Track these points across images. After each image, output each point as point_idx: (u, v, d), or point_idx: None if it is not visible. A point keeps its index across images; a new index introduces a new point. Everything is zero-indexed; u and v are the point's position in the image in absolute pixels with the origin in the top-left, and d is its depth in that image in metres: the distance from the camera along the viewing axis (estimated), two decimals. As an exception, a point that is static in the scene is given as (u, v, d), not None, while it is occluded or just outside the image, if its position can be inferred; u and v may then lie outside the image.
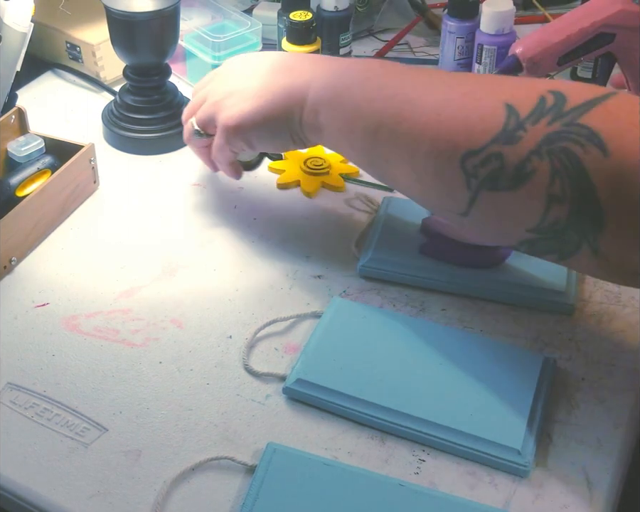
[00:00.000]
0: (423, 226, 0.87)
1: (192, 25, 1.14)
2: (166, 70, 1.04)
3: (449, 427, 0.68)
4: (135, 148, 1.03)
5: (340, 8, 1.11)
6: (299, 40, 1.04)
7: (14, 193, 0.89)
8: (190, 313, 0.81)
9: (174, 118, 1.04)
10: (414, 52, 1.25)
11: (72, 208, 0.94)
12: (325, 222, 0.93)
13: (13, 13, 0.95)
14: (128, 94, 1.04)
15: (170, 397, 0.73)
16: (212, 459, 0.67)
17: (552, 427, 0.70)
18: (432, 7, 1.33)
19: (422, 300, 0.82)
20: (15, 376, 0.74)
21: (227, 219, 0.93)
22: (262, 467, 0.65)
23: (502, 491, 0.65)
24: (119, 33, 1.00)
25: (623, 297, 0.82)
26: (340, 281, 0.85)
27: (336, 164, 0.99)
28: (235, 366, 0.76)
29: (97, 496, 0.65)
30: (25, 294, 0.83)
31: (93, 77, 1.15)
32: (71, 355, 0.77)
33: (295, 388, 0.72)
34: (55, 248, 0.89)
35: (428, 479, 0.66)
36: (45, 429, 0.70)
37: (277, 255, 0.88)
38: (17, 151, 0.92)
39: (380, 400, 0.70)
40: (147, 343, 0.78)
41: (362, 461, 0.67)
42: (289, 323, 0.80)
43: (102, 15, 1.01)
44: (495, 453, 0.66)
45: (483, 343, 0.76)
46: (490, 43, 1.05)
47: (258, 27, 1.13)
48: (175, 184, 0.99)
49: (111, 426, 0.70)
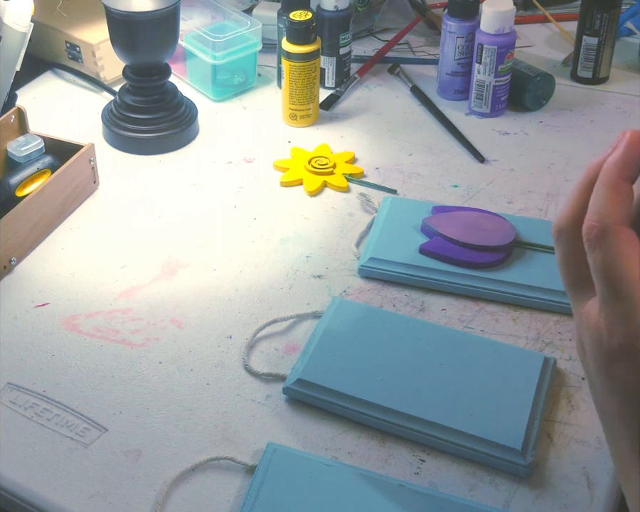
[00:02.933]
0: (423, 226, 0.87)
1: (192, 25, 1.14)
2: (165, 70, 1.04)
3: (449, 427, 0.68)
4: (135, 148, 1.03)
5: (340, 8, 1.11)
6: (299, 40, 1.04)
7: (14, 193, 0.89)
8: (190, 313, 0.81)
9: (174, 118, 1.04)
10: (414, 52, 1.25)
11: (72, 207, 0.94)
12: (325, 222, 0.93)
13: (13, 13, 0.95)
14: (128, 94, 1.04)
15: (170, 397, 0.73)
16: (212, 459, 0.67)
17: (552, 427, 0.70)
18: (432, 7, 1.33)
19: (422, 300, 0.82)
20: (15, 376, 0.74)
21: (227, 219, 0.93)
22: (262, 467, 0.65)
23: (502, 491, 0.65)
24: (119, 33, 1.00)
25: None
26: (340, 281, 0.84)
27: (340, 164, 0.99)
28: (235, 366, 0.76)
29: (97, 496, 0.65)
30: (25, 294, 0.83)
31: (93, 77, 1.15)
32: (71, 355, 0.77)
33: (295, 388, 0.72)
34: (55, 248, 0.89)
35: (428, 479, 0.66)
36: (45, 429, 0.70)
37: (277, 255, 0.88)
38: (17, 151, 0.92)
39: (380, 400, 0.70)
40: (147, 343, 0.78)
41: (362, 461, 0.67)
42: (289, 323, 0.80)
43: (102, 15, 1.01)
44: (495, 453, 0.66)
45: (483, 343, 0.76)
46: (490, 42, 1.05)
47: (258, 27, 1.13)
48: (175, 184, 0.99)
49: (111, 426, 0.70)
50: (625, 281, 0.43)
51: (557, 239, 0.48)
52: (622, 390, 0.44)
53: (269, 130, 1.08)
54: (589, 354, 0.46)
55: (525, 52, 1.24)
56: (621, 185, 0.44)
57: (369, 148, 1.05)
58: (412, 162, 1.02)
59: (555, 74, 1.13)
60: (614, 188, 0.44)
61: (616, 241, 0.43)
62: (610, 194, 0.44)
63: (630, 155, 0.44)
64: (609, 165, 0.45)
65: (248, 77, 1.16)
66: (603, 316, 0.44)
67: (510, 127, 1.08)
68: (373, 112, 1.12)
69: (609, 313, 0.43)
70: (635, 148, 0.44)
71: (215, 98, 1.14)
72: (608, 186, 0.44)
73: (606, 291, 0.43)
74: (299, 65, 1.04)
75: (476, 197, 0.96)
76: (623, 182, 0.44)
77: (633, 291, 0.42)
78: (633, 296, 0.42)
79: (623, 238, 0.43)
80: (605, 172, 0.45)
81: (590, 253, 0.44)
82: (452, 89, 1.13)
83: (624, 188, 0.44)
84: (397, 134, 1.07)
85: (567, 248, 0.47)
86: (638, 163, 0.45)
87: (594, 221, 0.44)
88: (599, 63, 1.15)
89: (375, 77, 1.19)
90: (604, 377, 0.45)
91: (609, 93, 1.15)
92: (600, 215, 0.44)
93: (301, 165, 0.99)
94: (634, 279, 0.43)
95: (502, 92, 1.08)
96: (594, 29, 1.12)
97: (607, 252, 0.43)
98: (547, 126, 1.08)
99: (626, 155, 0.44)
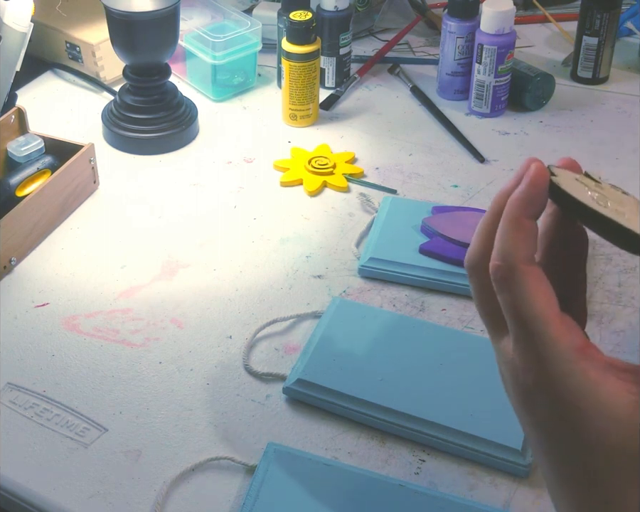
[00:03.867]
0: (423, 226, 0.87)
1: (192, 25, 1.14)
2: (165, 70, 1.04)
3: (449, 427, 0.68)
4: (135, 148, 1.03)
5: (340, 8, 1.11)
6: (298, 40, 1.04)
7: (14, 193, 0.89)
8: (190, 313, 0.81)
9: (174, 118, 1.04)
10: (414, 52, 1.25)
11: (72, 207, 0.94)
12: (325, 222, 0.93)
13: (13, 13, 0.95)
14: (128, 94, 1.04)
15: (170, 397, 0.73)
16: (212, 459, 0.67)
17: (552, 427, 0.70)
18: (432, 7, 1.33)
19: (422, 300, 0.82)
20: (15, 376, 0.74)
21: (227, 219, 0.93)
22: (262, 467, 0.65)
23: (502, 491, 0.65)
24: (119, 33, 1.00)
25: (623, 297, 0.82)
26: (340, 281, 0.84)
27: (340, 164, 0.99)
28: (235, 366, 0.76)
29: (97, 496, 0.65)
30: (25, 294, 0.83)
31: (93, 77, 1.15)
32: (71, 355, 0.76)
33: (295, 388, 0.72)
34: (55, 248, 0.89)
35: (428, 479, 0.66)
36: (45, 429, 0.70)
37: (277, 255, 0.88)
38: (17, 151, 0.92)
39: (380, 400, 0.70)
40: (147, 343, 0.78)
41: (362, 461, 0.67)
42: (289, 323, 0.80)
43: (102, 15, 1.01)
44: (495, 453, 0.66)
45: (483, 343, 0.76)
46: (490, 42, 1.05)
47: (258, 27, 1.13)
48: (175, 184, 0.99)
49: (111, 426, 0.70)
50: (534, 319, 0.42)
51: (470, 276, 0.47)
52: (540, 424, 0.44)
53: (269, 130, 1.08)
54: (508, 388, 0.46)
55: (525, 52, 1.24)
56: (523, 224, 0.43)
57: (369, 148, 1.05)
58: (412, 162, 1.02)
59: (555, 74, 1.13)
60: (517, 226, 0.43)
61: (522, 281, 0.42)
62: (514, 232, 0.43)
63: (533, 192, 0.43)
64: (512, 201, 0.43)
65: (248, 77, 1.16)
66: (517, 353, 0.43)
67: (510, 127, 1.08)
68: (373, 112, 1.12)
69: (522, 350, 0.43)
70: (539, 184, 0.43)
71: (215, 98, 1.14)
72: (511, 224, 0.43)
73: (518, 330, 0.43)
74: (299, 65, 1.04)
75: (476, 197, 0.96)
76: (526, 220, 0.43)
77: (543, 328, 0.42)
78: (543, 332, 0.42)
79: (528, 277, 0.42)
80: (508, 209, 0.43)
81: (499, 293, 0.44)
82: (452, 89, 1.13)
83: (527, 226, 0.43)
84: (397, 134, 1.07)
85: (479, 284, 0.47)
86: (543, 199, 0.43)
87: (499, 260, 0.43)
88: (599, 63, 1.15)
89: (375, 77, 1.19)
90: (523, 411, 0.45)
91: (609, 93, 1.15)
92: (505, 253, 0.43)
93: (301, 165, 0.99)
94: (544, 317, 0.42)
95: (502, 92, 1.08)
96: (594, 29, 1.12)
97: (514, 291, 0.43)
98: (547, 126, 1.08)
99: (529, 192, 0.43)
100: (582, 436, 0.41)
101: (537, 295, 0.42)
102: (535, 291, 0.42)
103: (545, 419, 0.43)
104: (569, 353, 0.41)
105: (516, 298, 0.42)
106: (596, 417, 0.41)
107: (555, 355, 0.42)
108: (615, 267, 0.85)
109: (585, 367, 0.41)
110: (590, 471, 0.41)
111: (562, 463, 0.43)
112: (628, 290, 0.82)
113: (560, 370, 0.41)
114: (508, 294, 0.43)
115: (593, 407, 0.41)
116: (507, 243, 0.43)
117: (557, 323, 0.42)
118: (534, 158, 0.44)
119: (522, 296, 0.42)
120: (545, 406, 0.43)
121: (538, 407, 0.43)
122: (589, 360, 0.41)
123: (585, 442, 0.41)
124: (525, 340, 0.43)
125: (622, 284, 0.83)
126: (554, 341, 0.42)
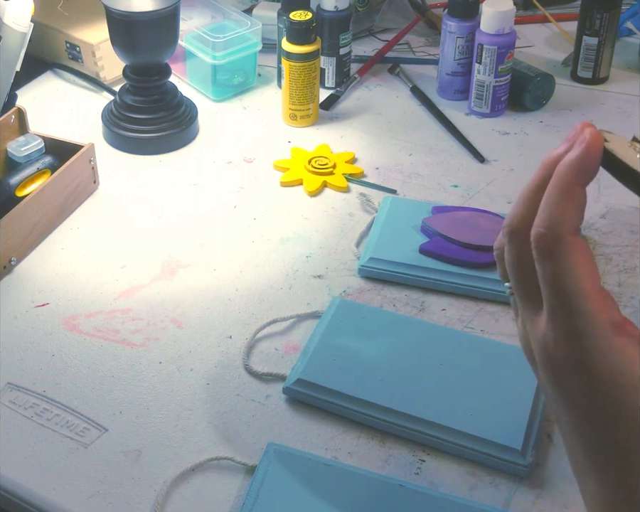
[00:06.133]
0: (423, 226, 0.87)
1: (192, 25, 1.14)
2: (165, 70, 1.04)
3: (449, 427, 0.68)
4: (135, 148, 1.03)
5: (340, 8, 1.11)
6: (298, 40, 1.04)
7: (14, 193, 0.89)
8: (190, 313, 0.81)
9: (174, 118, 1.04)
10: (414, 52, 1.25)
11: (72, 207, 0.94)
12: (325, 222, 0.93)
13: (13, 13, 0.95)
14: (128, 94, 1.04)
15: (170, 397, 0.73)
16: (212, 459, 0.67)
17: (552, 427, 0.70)
18: (432, 7, 1.33)
19: (422, 300, 0.82)
20: (15, 376, 0.74)
21: (227, 219, 0.93)
22: (262, 467, 0.65)
23: (502, 491, 0.65)
24: (119, 33, 1.00)
25: (623, 297, 0.82)
26: (340, 281, 0.84)
27: (340, 164, 0.99)
28: (235, 366, 0.76)
29: (97, 496, 0.65)
30: (25, 294, 0.83)
31: (93, 77, 1.15)
32: (71, 355, 0.76)
33: (295, 388, 0.72)
34: (55, 248, 0.89)
35: (428, 479, 0.66)
36: (45, 429, 0.70)
37: (277, 255, 0.88)
38: (17, 151, 0.92)
39: (380, 400, 0.70)
40: (147, 343, 0.78)
41: (362, 461, 0.67)
42: (289, 323, 0.80)
43: (102, 15, 1.01)
44: (495, 453, 0.66)
45: (483, 343, 0.76)
46: (490, 42, 1.05)
47: (258, 27, 1.13)
48: (175, 184, 0.99)
49: (111, 426, 0.70)
50: (576, 293, 0.41)
51: (509, 241, 0.45)
52: (572, 400, 0.43)
53: (269, 130, 1.08)
54: (539, 364, 0.45)
55: (525, 52, 1.24)
56: (575, 191, 0.41)
57: (369, 148, 1.05)
58: (412, 162, 1.02)
59: (555, 74, 1.13)
60: (567, 194, 0.41)
61: (567, 252, 0.41)
62: (564, 200, 0.41)
63: (587, 159, 0.41)
64: (564, 167, 0.41)
65: (248, 77, 1.16)
66: (551, 327, 0.42)
67: (510, 127, 1.08)
68: (373, 112, 1.12)
69: (558, 326, 0.42)
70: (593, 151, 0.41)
71: (215, 98, 1.14)
72: (562, 191, 0.41)
73: (556, 302, 0.42)
74: (299, 65, 1.04)
75: (476, 197, 0.96)
76: (577, 187, 0.41)
77: (584, 303, 0.41)
78: (585, 310, 0.41)
79: (574, 248, 0.41)
80: (559, 175, 0.41)
81: (539, 262, 0.42)
82: (452, 89, 1.13)
83: (578, 194, 0.41)
84: (397, 134, 1.07)
85: (518, 250, 0.44)
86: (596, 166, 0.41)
87: (544, 228, 0.41)
88: (599, 63, 1.15)
89: (375, 77, 1.19)
90: (554, 388, 0.44)
91: (609, 93, 1.15)
92: (552, 222, 0.41)
93: (301, 165, 0.99)
94: (585, 291, 0.41)
95: (502, 92, 1.08)
96: (594, 29, 1.12)
97: (557, 262, 0.41)
98: (547, 126, 1.08)
99: (583, 159, 0.41)
100: (620, 413, 0.41)
101: (581, 269, 0.41)
102: (580, 265, 0.41)
103: (580, 395, 0.42)
104: (608, 329, 0.41)
105: (559, 269, 0.41)
106: (634, 393, 0.40)
107: (594, 331, 0.41)
108: (615, 267, 0.85)
109: (623, 343, 0.41)
110: (626, 448, 0.41)
111: (597, 438, 0.42)
112: (628, 290, 0.82)
113: (598, 345, 0.41)
114: (550, 264, 0.41)
115: (631, 384, 0.41)
116: (555, 212, 0.41)
117: (598, 299, 0.41)
118: (587, 123, 0.42)
119: (565, 268, 0.41)
120: (579, 381, 0.42)
121: (572, 382, 0.42)
122: (626, 336, 0.41)
123: (623, 418, 0.41)
124: (563, 313, 0.41)
125: (622, 284, 0.83)
126: (593, 316, 0.41)
